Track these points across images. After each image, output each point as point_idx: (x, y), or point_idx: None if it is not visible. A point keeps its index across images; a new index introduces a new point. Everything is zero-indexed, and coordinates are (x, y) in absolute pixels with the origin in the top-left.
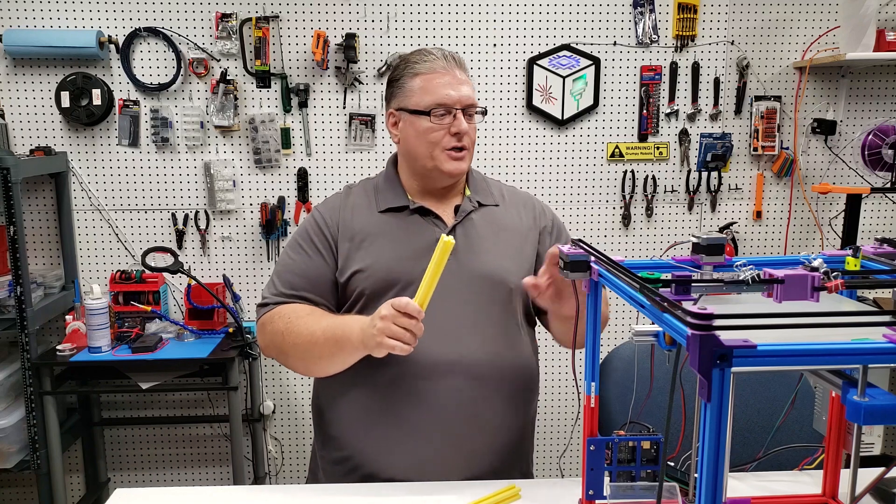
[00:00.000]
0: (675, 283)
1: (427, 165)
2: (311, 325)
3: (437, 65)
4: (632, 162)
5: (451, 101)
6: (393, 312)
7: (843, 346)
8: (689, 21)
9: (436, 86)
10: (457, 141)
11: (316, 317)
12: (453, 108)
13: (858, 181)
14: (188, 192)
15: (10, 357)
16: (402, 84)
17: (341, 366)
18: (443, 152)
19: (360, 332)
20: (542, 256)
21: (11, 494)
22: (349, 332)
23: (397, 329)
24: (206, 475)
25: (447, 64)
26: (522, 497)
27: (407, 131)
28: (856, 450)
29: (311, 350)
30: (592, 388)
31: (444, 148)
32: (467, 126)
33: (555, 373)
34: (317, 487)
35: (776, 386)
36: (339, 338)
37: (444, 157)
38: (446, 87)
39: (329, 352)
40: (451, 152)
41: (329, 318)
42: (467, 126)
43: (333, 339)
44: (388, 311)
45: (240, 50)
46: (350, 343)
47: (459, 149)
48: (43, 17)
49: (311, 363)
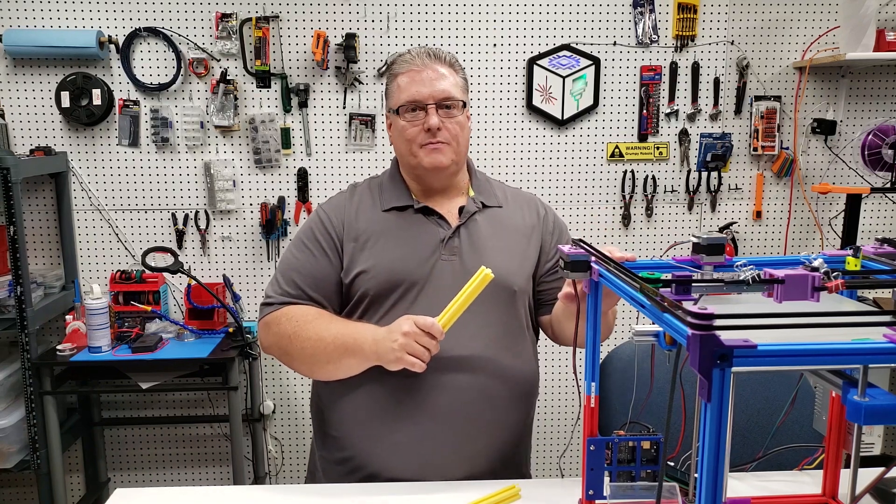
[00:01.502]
0: (676, 283)
1: (411, 163)
2: (321, 330)
3: (414, 63)
4: (632, 162)
5: (421, 98)
6: (416, 331)
7: (843, 346)
8: (689, 21)
9: (408, 85)
10: (430, 137)
11: (325, 321)
12: (424, 103)
13: (858, 181)
14: (188, 192)
15: (10, 357)
16: (388, 87)
17: (348, 373)
18: (420, 148)
19: (374, 344)
20: (544, 257)
21: (11, 494)
22: (361, 341)
23: (418, 348)
24: (206, 475)
25: (424, 61)
26: (522, 497)
27: (394, 133)
28: (856, 450)
29: (319, 356)
30: (592, 388)
31: (420, 144)
32: (438, 122)
33: (555, 373)
34: (317, 487)
35: (776, 386)
36: (351, 346)
37: (421, 153)
38: (417, 84)
39: (338, 359)
40: (426, 147)
41: (339, 324)
42: (438, 122)
43: (344, 347)
44: (412, 328)
45: (240, 50)
46: (362, 353)
47: (436, 142)
48: (43, 17)
49: (318, 368)
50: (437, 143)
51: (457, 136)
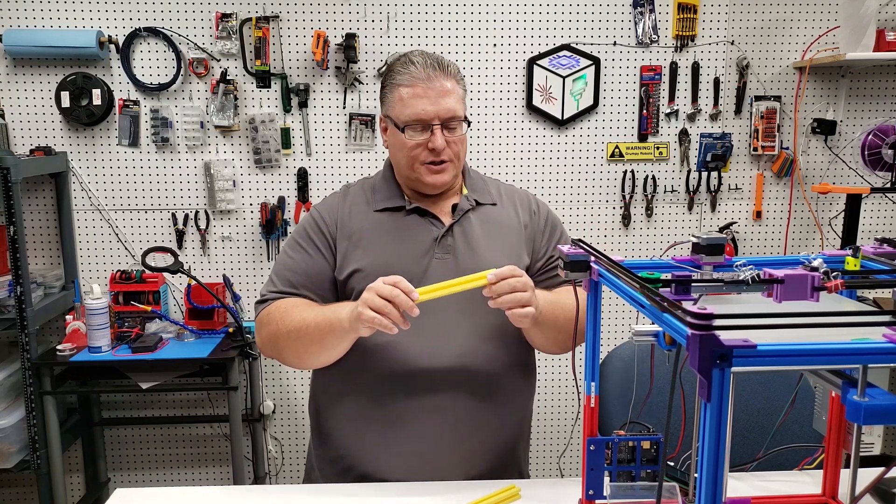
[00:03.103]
0: (675, 283)
1: (410, 176)
2: (304, 312)
3: (419, 76)
4: (632, 162)
5: (427, 117)
6: (380, 284)
7: (843, 346)
8: (689, 21)
9: (413, 100)
10: (435, 156)
11: (310, 306)
12: (430, 123)
13: (858, 181)
14: (188, 192)
15: (10, 357)
16: (387, 93)
17: (333, 353)
18: (422, 166)
19: (349, 312)
20: (535, 255)
21: (11, 494)
22: (339, 314)
23: (379, 301)
24: (206, 475)
25: (429, 73)
26: (522, 497)
27: (391, 141)
28: (856, 450)
29: (302, 338)
30: (592, 388)
31: (422, 162)
32: (444, 143)
33: (555, 373)
34: (317, 487)
35: (776, 386)
36: (331, 320)
37: (423, 171)
38: (423, 101)
39: (320, 337)
40: (430, 166)
41: (322, 307)
42: (444, 143)
43: (325, 323)
44: (377, 282)
45: (240, 50)
46: (340, 325)
47: (439, 162)
48: (43, 17)
49: (303, 351)
50: (440, 163)
51: (458, 154)
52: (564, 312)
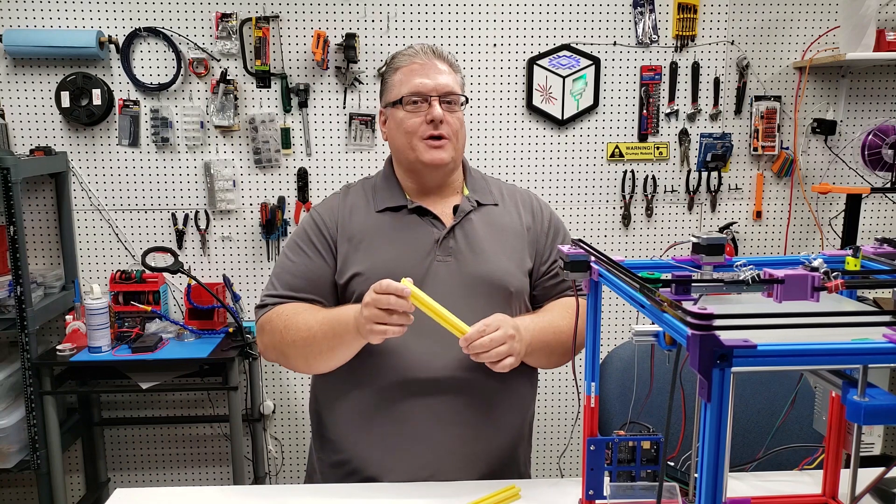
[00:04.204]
0: (675, 283)
1: (409, 157)
2: (309, 319)
3: (416, 58)
4: (632, 162)
5: (425, 89)
6: (374, 296)
7: (843, 346)
8: (689, 21)
9: (411, 76)
10: (433, 129)
11: (313, 311)
12: (427, 95)
13: (858, 181)
14: (188, 192)
15: (10, 357)
16: (386, 82)
17: (342, 358)
18: (421, 141)
19: (355, 320)
20: (539, 258)
21: (11, 494)
22: (346, 320)
23: (380, 313)
24: (206, 475)
25: (426, 56)
26: (522, 497)
27: (390, 126)
28: (856, 450)
29: (310, 345)
30: (592, 388)
31: (421, 137)
32: (441, 113)
33: (555, 373)
34: (317, 488)
35: (776, 386)
36: (337, 328)
37: (422, 147)
38: (420, 75)
39: (328, 345)
40: (428, 141)
41: (325, 311)
42: (441, 113)
43: (332, 332)
44: (370, 296)
45: (240, 50)
46: (348, 332)
47: (437, 137)
48: (43, 17)
49: (312, 358)
50: (438, 138)
51: (457, 132)
52: (557, 336)
